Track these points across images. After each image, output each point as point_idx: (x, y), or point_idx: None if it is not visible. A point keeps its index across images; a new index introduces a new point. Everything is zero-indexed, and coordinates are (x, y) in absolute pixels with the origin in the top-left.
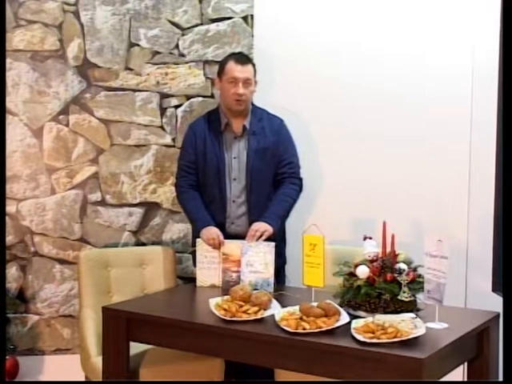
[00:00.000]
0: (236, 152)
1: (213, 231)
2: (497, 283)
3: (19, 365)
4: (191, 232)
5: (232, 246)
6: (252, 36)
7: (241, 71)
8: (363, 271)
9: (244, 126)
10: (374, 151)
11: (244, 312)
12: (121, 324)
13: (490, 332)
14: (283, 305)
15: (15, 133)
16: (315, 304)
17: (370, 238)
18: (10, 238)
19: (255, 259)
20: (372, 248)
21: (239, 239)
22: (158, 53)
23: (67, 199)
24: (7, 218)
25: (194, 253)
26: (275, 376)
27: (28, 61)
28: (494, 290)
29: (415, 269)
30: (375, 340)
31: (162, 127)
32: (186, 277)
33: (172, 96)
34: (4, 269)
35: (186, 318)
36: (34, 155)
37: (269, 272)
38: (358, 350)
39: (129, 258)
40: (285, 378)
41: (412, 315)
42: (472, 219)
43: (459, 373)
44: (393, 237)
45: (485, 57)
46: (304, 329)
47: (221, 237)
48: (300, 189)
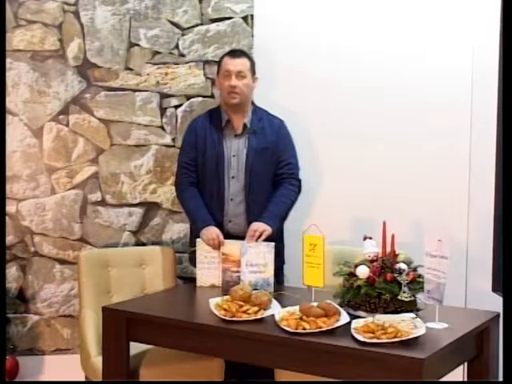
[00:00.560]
0: (235, 150)
1: (213, 231)
2: (497, 283)
3: (19, 365)
4: (189, 231)
5: (232, 247)
6: (252, 36)
7: (233, 64)
8: (363, 271)
9: (244, 125)
10: (374, 151)
11: (244, 312)
12: (121, 324)
13: (490, 332)
14: (283, 305)
15: (15, 133)
16: (315, 304)
17: (370, 238)
18: (10, 238)
19: (255, 259)
20: (372, 248)
21: (237, 238)
22: (158, 53)
23: (67, 199)
24: (7, 218)
25: (193, 253)
26: (275, 376)
27: (28, 61)
28: (494, 290)
29: (415, 269)
30: (375, 340)
31: (162, 127)
32: (186, 277)
33: (172, 96)
34: (4, 269)
35: (186, 318)
36: (34, 155)
37: (269, 272)
38: (358, 350)
39: (129, 258)
40: (285, 378)
41: (412, 315)
42: (472, 219)
43: (459, 373)
44: (393, 237)
45: (485, 57)
46: (304, 329)
47: (221, 237)
48: (299, 190)
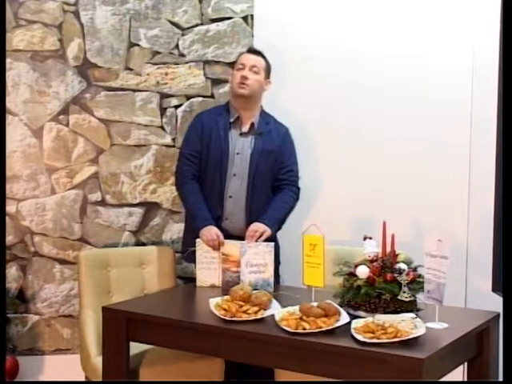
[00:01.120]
0: (240, 148)
1: (213, 232)
2: (497, 283)
3: (19, 365)
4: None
5: (231, 247)
6: (252, 36)
7: (249, 58)
8: (363, 271)
9: (252, 124)
10: (375, 151)
11: (244, 312)
12: (121, 324)
13: (490, 332)
14: (283, 305)
15: (15, 133)
16: (315, 304)
17: (370, 238)
18: (10, 238)
19: (255, 259)
20: (372, 248)
21: (234, 237)
22: (158, 53)
23: (67, 199)
24: (7, 218)
25: (191, 253)
26: (275, 376)
27: (28, 61)
28: (494, 290)
29: (415, 269)
30: (375, 340)
31: (162, 127)
32: (186, 277)
33: (172, 96)
34: (4, 269)
35: (186, 318)
36: (34, 155)
37: (269, 272)
38: (358, 350)
39: (129, 258)
40: (285, 378)
41: (412, 315)
42: (472, 219)
43: (459, 373)
44: (393, 237)
45: (485, 57)
46: (304, 329)
47: (221, 237)
48: (297, 197)
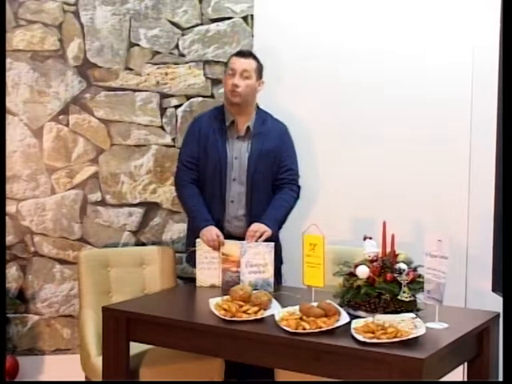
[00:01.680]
0: (237, 152)
1: (213, 232)
2: (497, 283)
3: (19, 365)
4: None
5: (231, 247)
6: (252, 36)
7: (239, 63)
8: (363, 271)
9: (248, 127)
10: (375, 151)
11: (244, 312)
12: (121, 324)
13: (490, 332)
14: (283, 305)
15: (15, 133)
16: (315, 304)
17: (370, 238)
18: (10, 238)
19: (255, 260)
20: (372, 248)
21: (238, 239)
22: (158, 53)
23: (67, 199)
24: (7, 218)
25: (193, 253)
26: (275, 376)
27: (28, 61)
28: (494, 290)
29: (415, 269)
30: (375, 340)
31: (162, 127)
32: (186, 277)
33: (172, 96)
34: (4, 269)
35: (186, 318)
36: (34, 155)
37: (269, 272)
38: (358, 350)
39: (129, 258)
40: (285, 378)
41: (412, 315)
42: (472, 219)
43: (459, 373)
44: (393, 237)
45: (485, 57)
46: (304, 329)
47: (221, 237)
48: (298, 196)
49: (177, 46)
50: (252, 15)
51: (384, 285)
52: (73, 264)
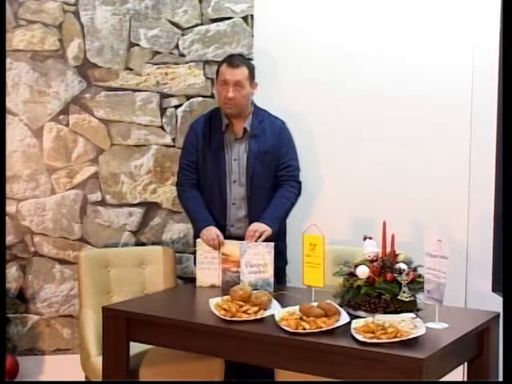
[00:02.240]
0: (236, 154)
1: (213, 232)
2: (497, 283)
3: (19, 365)
4: (192, 232)
5: (231, 247)
6: (252, 36)
7: (231, 74)
8: (363, 271)
9: (245, 129)
10: (375, 151)
11: (244, 312)
12: (121, 324)
13: (490, 332)
14: (283, 305)
15: (15, 133)
16: (315, 304)
17: (370, 238)
18: (10, 238)
19: (254, 260)
20: (372, 248)
21: (239, 239)
22: (158, 53)
23: (67, 199)
24: (7, 218)
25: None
26: (275, 376)
27: (28, 61)
28: (494, 290)
29: (415, 269)
30: (375, 340)
31: (162, 127)
32: (186, 277)
33: (172, 96)
34: (4, 269)
35: (186, 318)
36: (34, 155)
37: (269, 272)
38: (358, 350)
39: (129, 258)
40: (285, 378)
41: (412, 315)
42: (472, 219)
43: (459, 373)
44: (393, 237)
45: (485, 57)
46: (304, 329)
47: (221, 237)
48: (299, 192)
49: (177, 46)
50: (252, 15)
51: (384, 285)
52: (73, 264)
